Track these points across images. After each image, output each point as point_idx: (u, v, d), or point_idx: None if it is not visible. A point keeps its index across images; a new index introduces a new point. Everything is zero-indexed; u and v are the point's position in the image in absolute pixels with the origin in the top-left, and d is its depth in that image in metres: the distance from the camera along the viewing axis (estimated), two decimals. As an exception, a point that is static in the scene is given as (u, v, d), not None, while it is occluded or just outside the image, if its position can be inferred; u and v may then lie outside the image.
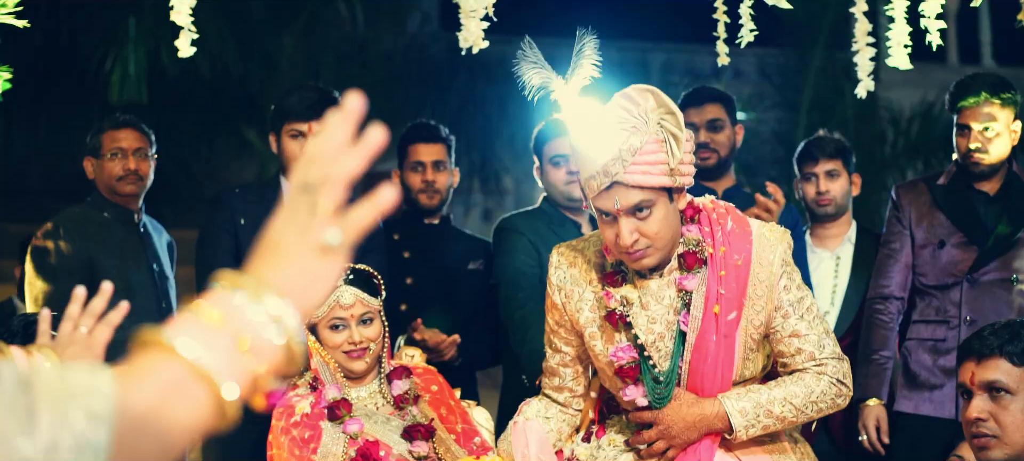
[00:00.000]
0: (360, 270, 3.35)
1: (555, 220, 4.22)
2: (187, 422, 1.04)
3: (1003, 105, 4.07)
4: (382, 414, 3.32)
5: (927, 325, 4.19)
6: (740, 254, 2.84)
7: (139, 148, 4.30)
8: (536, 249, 4.14)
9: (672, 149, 2.69)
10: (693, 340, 2.85)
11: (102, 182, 4.31)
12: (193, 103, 9.17)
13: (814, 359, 2.85)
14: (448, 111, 10.16)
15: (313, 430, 3.23)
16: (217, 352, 1.06)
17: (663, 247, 2.79)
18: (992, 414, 2.70)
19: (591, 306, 2.94)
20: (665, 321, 2.88)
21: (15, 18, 3.19)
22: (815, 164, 4.48)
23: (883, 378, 4.17)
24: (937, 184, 4.25)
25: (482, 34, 3.48)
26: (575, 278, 2.96)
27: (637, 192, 2.71)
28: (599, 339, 2.93)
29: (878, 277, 4.27)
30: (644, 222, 2.73)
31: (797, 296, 2.87)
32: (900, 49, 3.44)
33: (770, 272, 2.83)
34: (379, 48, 10.59)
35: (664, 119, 2.70)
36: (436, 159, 4.45)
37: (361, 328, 3.30)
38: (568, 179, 4.17)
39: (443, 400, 3.41)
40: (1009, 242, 4.10)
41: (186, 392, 1.04)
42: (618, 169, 2.68)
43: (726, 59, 3.84)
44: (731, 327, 2.83)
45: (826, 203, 4.47)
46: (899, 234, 4.26)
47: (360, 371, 3.33)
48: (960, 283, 4.12)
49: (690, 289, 2.84)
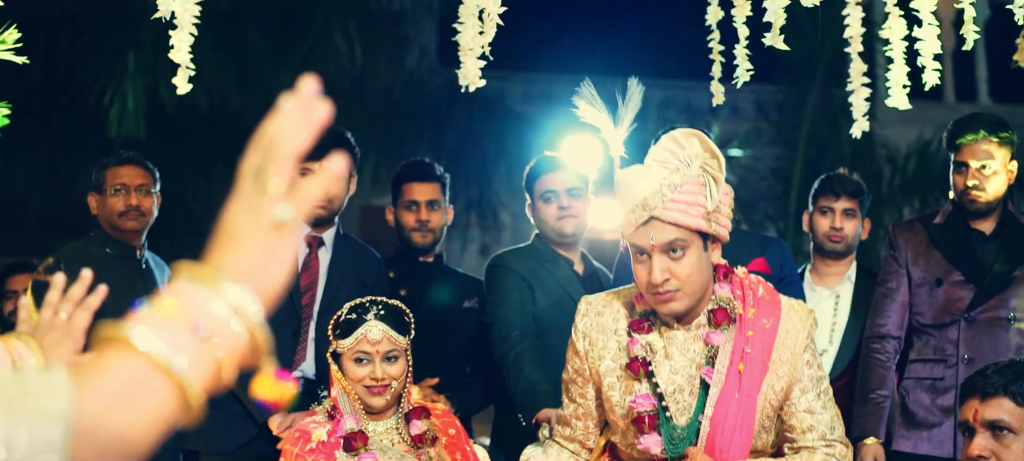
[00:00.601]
0: (392, 306, 3.35)
1: (547, 257, 4.22)
2: (149, 415, 1.02)
3: (1001, 144, 4.08)
4: (397, 451, 3.31)
5: (925, 364, 4.18)
6: (769, 319, 2.90)
7: (142, 184, 4.31)
8: (529, 287, 4.14)
9: (711, 192, 2.78)
10: (716, 394, 2.87)
11: (104, 217, 4.31)
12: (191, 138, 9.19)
13: (825, 439, 2.90)
14: (446, 146, 10.18)
15: (328, 459, 3.22)
16: (176, 344, 1.04)
17: (692, 293, 2.84)
18: (994, 452, 2.71)
19: (613, 355, 2.96)
20: (687, 374, 2.91)
21: (14, 55, 3.20)
22: (835, 199, 4.48)
23: (880, 417, 4.16)
24: (933, 223, 4.25)
25: (479, 72, 3.49)
26: (602, 327, 3.00)
27: (673, 230, 2.77)
28: (617, 389, 2.95)
29: (875, 316, 4.27)
30: (676, 263, 2.80)
31: (818, 375, 2.93)
32: (899, 89, 3.45)
33: (796, 342, 2.89)
34: (377, 83, 10.62)
35: (707, 163, 2.79)
36: (430, 198, 4.44)
37: (385, 365, 3.29)
38: (559, 215, 4.17)
39: (459, 445, 3.40)
40: (1006, 281, 4.11)
41: (147, 385, 1.02)
42: (657, 203, 2.76)
43: (721, 98, 3.85)
44: (753, 389, 2.87)
45: (838, 239, 4.48)
46: (895, 273, 4.26)
47: (379, 407, 3.32)
48: (957, 322, 4.11)
49: (717, 344, 2.88)
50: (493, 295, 4.18)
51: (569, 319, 4.04)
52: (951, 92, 14.32)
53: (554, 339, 4.01)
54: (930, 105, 12.19)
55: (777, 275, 4.17)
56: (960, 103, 13.81)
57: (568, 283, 4.19)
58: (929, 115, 10.44)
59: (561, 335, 4.03)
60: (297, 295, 4.11)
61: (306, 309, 4.11)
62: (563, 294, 4.15)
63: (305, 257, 4.19)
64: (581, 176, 4.29)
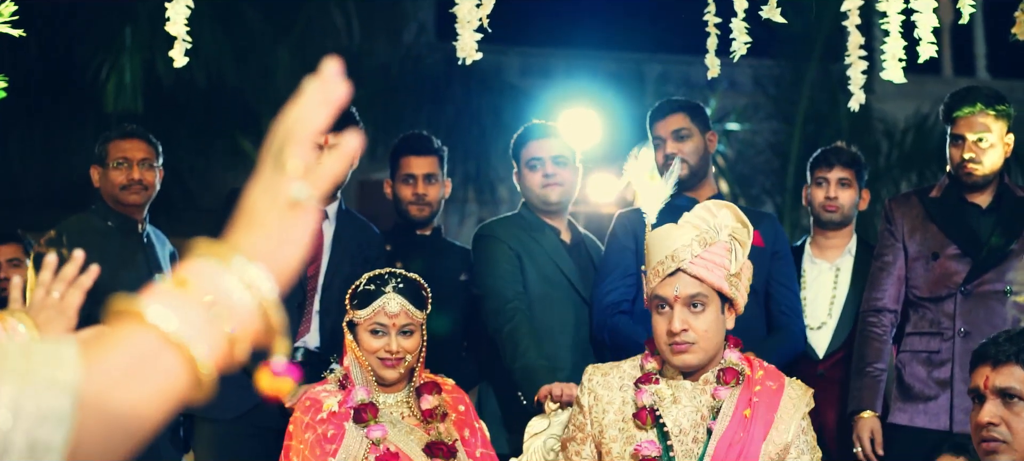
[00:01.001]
0: (411, 279, 3.36)
1: (534, 226, 4.19)
2: (159, 391, 1.01)
3: (997, 117, 4.09)
4: (406, 424, 3.32)
5: (921, 337, 4.19)
6: (774, 382, 3.11)
7: (144, 158, 4.32)
8: (518, 256, 4.11)
9: (736, 256, 3.04)
10: (720, 433, 3.01)
11: (106, 191, 4.32)
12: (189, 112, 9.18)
13: None
14: (443, 121, 10.17)
15: (337, 429, 3.23)
16: (189, 319, 1.03)
17: (707, 349, 3.05)
18: (1004, 419, 2.73)
19: (617, 409, 3.12)
20: (693, 421, 3.07)
21: (11, 27, 3.20)
22: (829, 170, 4.48)
23: (877, 390, 4.17)
24: (930, 197, 4.26)
25: (476, 45, 3.48)
26: (608, 385, 3.16)
27: (696, 284, 3.00)
28: (619, 441, 3.09)
29: (871, 290, 4.28)
30: (696, 318, 3.02)
31: (811, 445, 3.11)
32: (894, 62, 3.44)
33: (797, 409, 3.08)
34: (375, 59, 10.60)
35: (736, 231, 3.05)
36: (427, 172, 4.44)
37: (400, 338, 3.30)
38: (544, 182, 4.16)
39: (467, 422, 3.41)
40: (1002, 254, 4.12)
41: (157, 360, 1.01)
42: (685, 256, 2.99)
43: (716, 71, 3.83)
44: (758, 437, 3.02)
45: (833, 209, 4.47)
46: (892, 247, 4.27)
47: (391, 380, 3.33)
48: (954, 295, 4.13)
49: (723, 398, 3.06)
50: (483, 266, 4.14)
51: (557, 288, 4.07)
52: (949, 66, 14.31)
53: (542, 309, 4.02)
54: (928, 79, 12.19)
55: (770, 249, 4.17)
56: (958, 77, 13.80)
57: (555, 252, 4.17)
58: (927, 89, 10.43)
59: (549, 304, 4.05)
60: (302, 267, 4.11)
61: (311, 281, 4.12)
62: (550, 263, 4.14)
63: None
64: (568, 144, 4.26)
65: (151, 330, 1.02)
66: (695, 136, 4.23)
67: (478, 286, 4.14)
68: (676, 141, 4.22)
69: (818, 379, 4.33)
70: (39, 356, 0.99)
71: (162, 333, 1.02)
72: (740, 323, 3.95)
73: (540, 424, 3.48)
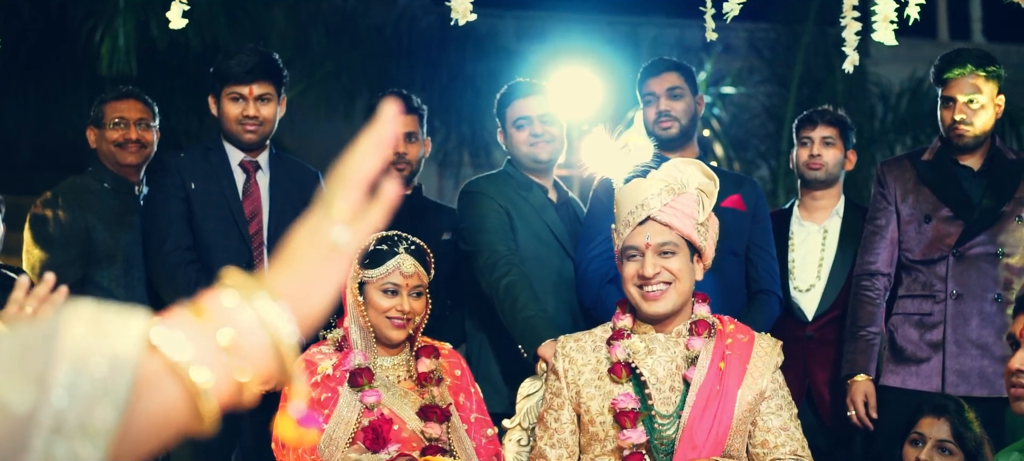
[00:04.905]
0: (418, 243, 3.37)
1: (522, 183, 4.17)
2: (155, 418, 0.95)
3: (988, 78, 4.10)
4: (401, 388, 3.32)
5: (913, 300, 4.21)
6: (745, 335, 3.19)
7: (141, 118, 4.31)
8: (506, 212, 4.08)
9: (703, 206, 3.13)
10: (699, 383, 3.08)
11: (103, 152, 4.31)
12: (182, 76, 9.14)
13: (796, 455, 3.12)
14: (438, 84, 10.13)
15: (331, 393, 3.23)
16: (197, 350, 0.97)
17: (679, 294, 3.13)
18: None
19: (592, 368, 3.19)
20: (669, 371, 3.14)
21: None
22: (813, 128, 4.51)
23: (871, 354, 4.20)
24: (922, 160, 4.27)
25: (470, 5, 3.48)
26: (582, 348, 3.24)
27: (667, 231, 3.11)
28: (596, 398, 3.15)
29: (864, 254, 4.30)
30: (668, 260, 3.10)
31: (788, 400, 3.18)
32: (886, 25, 3.44)
33: (770, 358, 3.16)
34: (369, 20, 10.55)
35: (703, 185, 3.15)
36: (408, 130, 4.40)
37: (411, 299, 3.30)
38: (532, 141, 4.14)
39: (463, 386, 3.42)
40: (994, 216, 4.13)
41: (156, 386, 0.95)
42: (656, 204, 3.09)
43: (713, 35, 3.84)
44: (733, 385, 3.08)
45: (816, 167, 4.49)
46: (884, 210, 4.29)
47: (397, 340, 3.34)
48: (946, 257, 4.14)
49: (698, 349, 3.13)
50: (472, 222, 4.09)
51: (545, 246, 4.07)
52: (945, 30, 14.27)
53: (532, 267, 4.01)
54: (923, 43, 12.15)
55: (751, 212, 4.18)
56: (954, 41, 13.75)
57: (543, 210, 4.15)
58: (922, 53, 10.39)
59: (537, 263, 4.05)
60: (243, 224, 4.09)
61: (256, 238, 4.10)
62: (538, 220, 4.12)
63: (244, 183, 4.16)
64: (553, 101, 4.23)
65: (155, 354, 0.96)
66: (687, 96, 4.27)
67: (468, 242, 4.08)
68: (670, 99, 4.23)
69: (807, 341, 4.36)
70: (107, 328, 0.94)
71: (166, 359, 0.96)
72: (725, 285, 3.99)
73: (532, 386, 3.49)
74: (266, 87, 4.13)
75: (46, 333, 0.92)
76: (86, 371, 0.91)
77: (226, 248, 4.02)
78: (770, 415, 3.12)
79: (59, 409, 0.90)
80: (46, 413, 0.89)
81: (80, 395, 0.90)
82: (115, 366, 0.92)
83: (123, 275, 4.17)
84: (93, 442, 0.90)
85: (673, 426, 3.08)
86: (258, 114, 4.12)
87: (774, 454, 3.10)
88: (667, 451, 3.08)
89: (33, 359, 0.91)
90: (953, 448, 3.57)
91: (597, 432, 3.13)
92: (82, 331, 0.92)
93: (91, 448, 0.90)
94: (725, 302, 3.84)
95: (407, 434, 3.23)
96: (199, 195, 4.09)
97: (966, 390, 4.06)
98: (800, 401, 4.11)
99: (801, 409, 3.71)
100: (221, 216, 4.10)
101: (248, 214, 4.12)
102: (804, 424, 3.29)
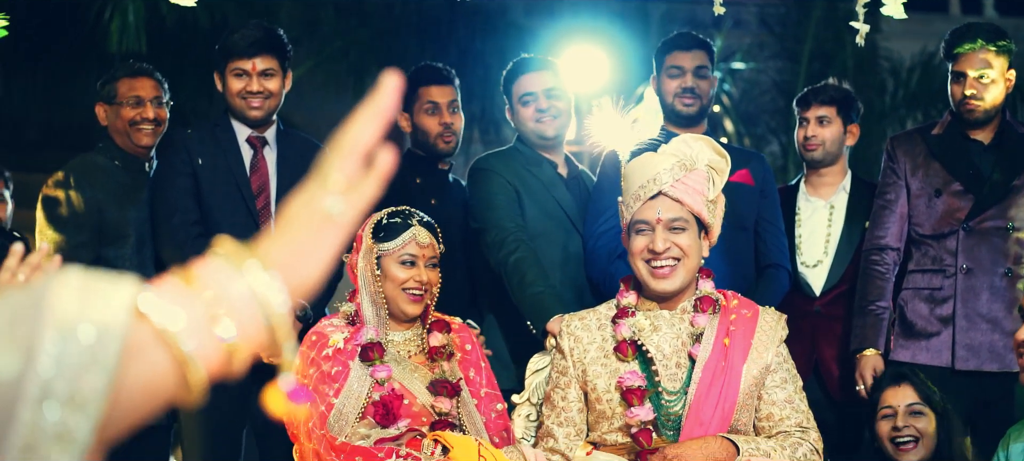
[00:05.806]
0: (427, 217, 3.37)
1: (531, 160, 4.16)
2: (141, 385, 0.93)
3: (998, 53, 4.08)
4: (411, 363, 3.32)
5: (923, 274, 4.20)
6: (749, 310, 3.19)
7: (156, 96, 4.30)
8: (515, 190, 4.07)
9: (714, 183, 3.13)
10: (704, 360, 3.08)
11: (116, 128, 4.28)
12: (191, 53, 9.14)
13: (801, 427, 3.12)
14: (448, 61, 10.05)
15: (342, 367, 3.22)
16: (186, 317, 0.95)
17: (687, 270, 3.13)
18: None
19: (598, 346, 3.19)
20: (674, 347, 3.14)
21: (12, -33, 3.18)
22: (807, 108, 4.51)
23: (880, 329, 4.19)
24: (932, 134, 4.26)
25: (480, -19, 3.47)
26: (587, 326, 3.24)
27: (677, 207, 3.11)
28: (602, 376, 3.15)
29: (874, 228, 4.29)
30: (677, 236, 3.10)
31: (792, 373, 3.19)
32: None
33: (774, 332, 3.16)
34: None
35: (713, 161, 3.14)
36: (450, 99, 4.36)
37: (428, 270, 3.31)
38: (538, 117, 4.12)
39: (473, 362, 3.41)
40: (1004, 190, 4.12)
41: (143, 353, 0.93)
42: (667, 180, 3.08)
43: (721, 9, 3.82)
44: (739, 361, 3.09)
45: (813, 148, 4.48)
46: (894, 185, 4.27)
47: (413, 314, 3.32)
48: (956, 232, 4.13)
49: (703, 325, 3.14)
50: (481, 199, 4.07)
51: (554, 222, 4.07)
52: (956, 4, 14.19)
53: (541, 243, 4.00)
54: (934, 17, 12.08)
55: (759, 188, 4.19)
56: (965, 15, 13.68)
57: (553, 186, 4.14)
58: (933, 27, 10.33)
59: (548, 239, 4.04)
60: (251, 200, 4.09)
61: (263, 213, 4.10)
62: (548, 197, 4.11)
63: (252, 159, 4.17)
64: (560, 76, 4.20)
65: (142, 320, 0.94)
66: (711, 76, 4.32)
67: (477, 219, 4.06)
68: (697, 78, 4.28)
69: (815, 316, 4.36)
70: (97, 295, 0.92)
71: (153, 326, 0.94)
72: (736, 259, 3.98)
73: (541, 361, 3.49)
74: (270, 61, 4.13)
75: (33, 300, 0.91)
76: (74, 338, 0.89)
77: (233, 223, 4.02)
78: (775, 388, 3.13)
79: (46, 377, 0.88)
80: (33, 381, 0.88)
81: (68, 363, 0.89)
82: (103, 334, 0.91)
83: (135, 252, 4.16)
84: (83, 411, 0.89)
85: (680, 403, 3.08)
86: (262, 88, 4.12)
87: (779, 427, 3.12)
88: (674, 427, 3.09)
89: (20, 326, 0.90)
90: (923, 409, 3.64)
91: (604, 410, 3.14)
92: (70, 298, 0.91)
93: (81, 417, 0.89)
94: (734, 277, 3.84)
95: (417, 409, 3.23)
96: (206, 171, 4.09)
97: (976, 364, 4.05)
98: (808, 376, 4.11)
99: (809, 384, 3.71)
100: (228, 192, 4.10)
101: (255, 189, 4.12)
102: (811, 399, 3.31)
